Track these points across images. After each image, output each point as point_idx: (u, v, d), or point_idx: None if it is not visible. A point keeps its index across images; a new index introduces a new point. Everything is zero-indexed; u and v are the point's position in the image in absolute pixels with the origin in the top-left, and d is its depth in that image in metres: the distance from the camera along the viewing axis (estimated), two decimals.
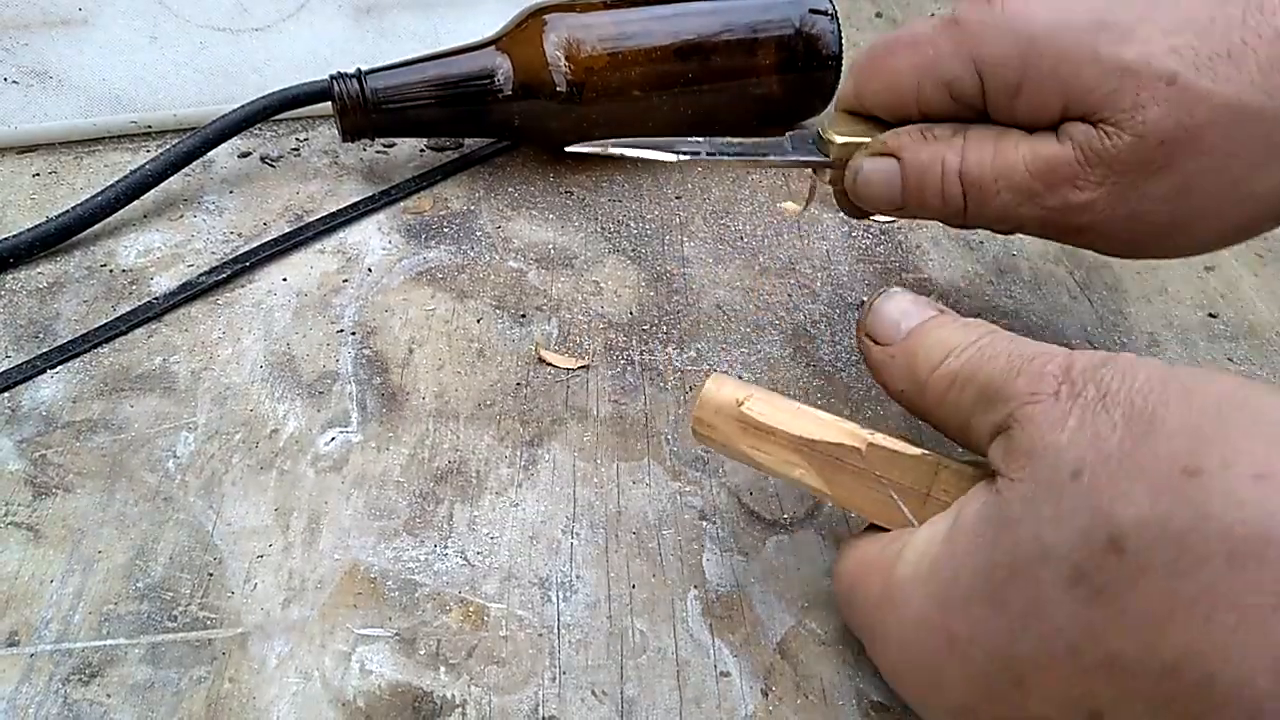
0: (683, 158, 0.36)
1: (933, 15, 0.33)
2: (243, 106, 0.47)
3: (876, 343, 0.29)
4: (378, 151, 0.52)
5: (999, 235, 0.42)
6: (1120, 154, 0.30)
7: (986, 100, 0.32)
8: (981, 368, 0.26)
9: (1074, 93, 0.30)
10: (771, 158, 0.36)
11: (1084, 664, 0.22)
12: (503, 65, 0.47)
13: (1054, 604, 0.22)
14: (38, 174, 0.50)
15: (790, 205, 0.47)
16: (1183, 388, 0.22)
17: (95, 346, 0.40)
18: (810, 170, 0.37)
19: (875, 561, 0.27)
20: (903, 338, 0.29)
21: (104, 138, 0.52)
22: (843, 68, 0.50)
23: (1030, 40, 0.30)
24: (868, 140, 0.35)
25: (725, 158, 0.36)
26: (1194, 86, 0.29)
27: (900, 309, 0.29)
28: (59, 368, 0.39)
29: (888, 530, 0.28)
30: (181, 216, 0.47)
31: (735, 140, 0.37)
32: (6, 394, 0.38)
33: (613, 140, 0.37)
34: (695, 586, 0.32)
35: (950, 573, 0.24)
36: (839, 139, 0.35)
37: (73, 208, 0.45)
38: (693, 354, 0.40)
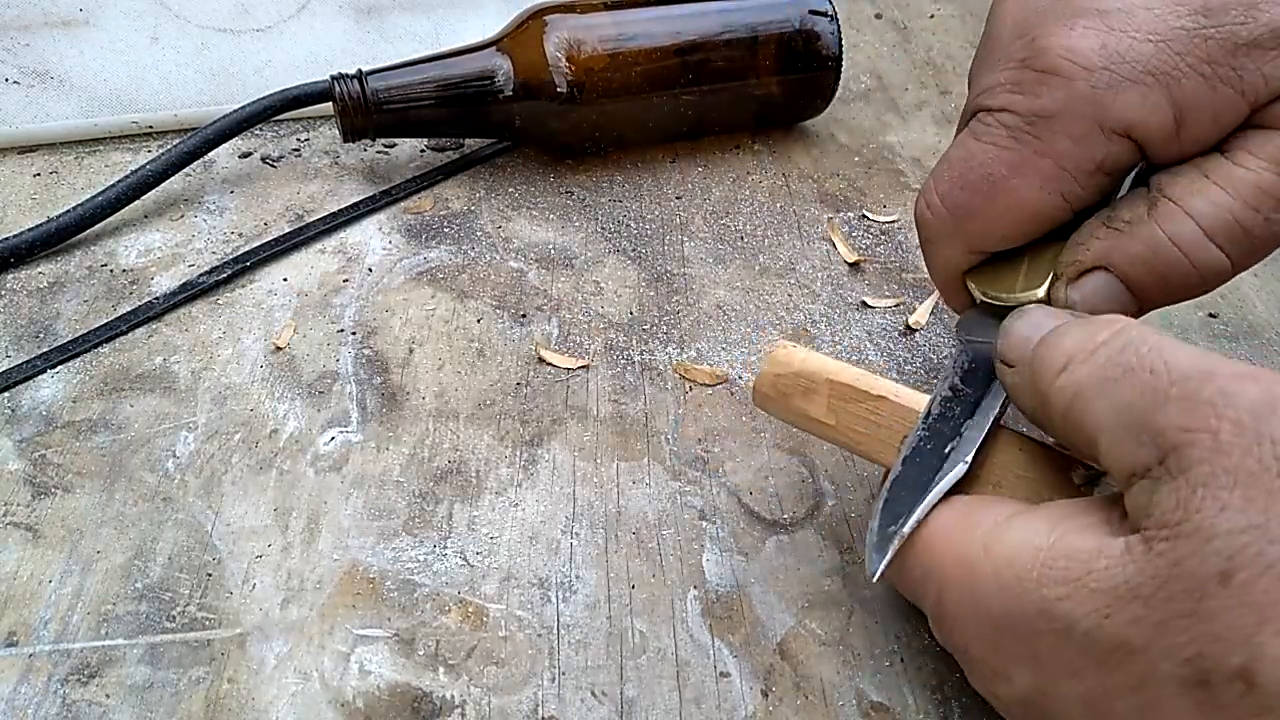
0: (965, 465, 0.28)
1: (983, 118, 0.28)
2: (244, 107, 0.47)
3: (1009, 366, 0.26)
4: (378, 152, 0.52)
5: None
6: None
7: (1149, 153, 0.27)
8: (1115, 382, 0.22)
9: (1252, 86, 0.26)
10: (1001, 394, 0.29)
11: None
12: (503, 66, 0.47)
13: (1165, 697, 0.21)
14: (38, 174, 0.50)
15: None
16: None
17: (95, 346, 0.40)
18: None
19: (952, 532, 0.25)
20: (1030, 352, 0.26)
21: (105, 138, 0.52)
22: (842, 69, 0.51)
23: (1154, 74, 0.26)
24: (1047, 278, 0.29)
25: (993, 425, 0.29)
26: None
27: (1031, 323, 0.26)
28: (59, 368, 0.39)
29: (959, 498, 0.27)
30: (182, 216, 0.47)
31: (968, 419, 0.29)
32: (6, 394, 0.38)
33: (894, 521, 0.28)
34: (695, 586, 0.32)
35: (1051, 605, 0.22)
36: (1040, 292, 0.29)
37: (73, 208, 0.45)
38: (693, 354, 0.40)
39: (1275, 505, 0.19)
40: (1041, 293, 0.29)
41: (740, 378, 0.39)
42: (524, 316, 0.42)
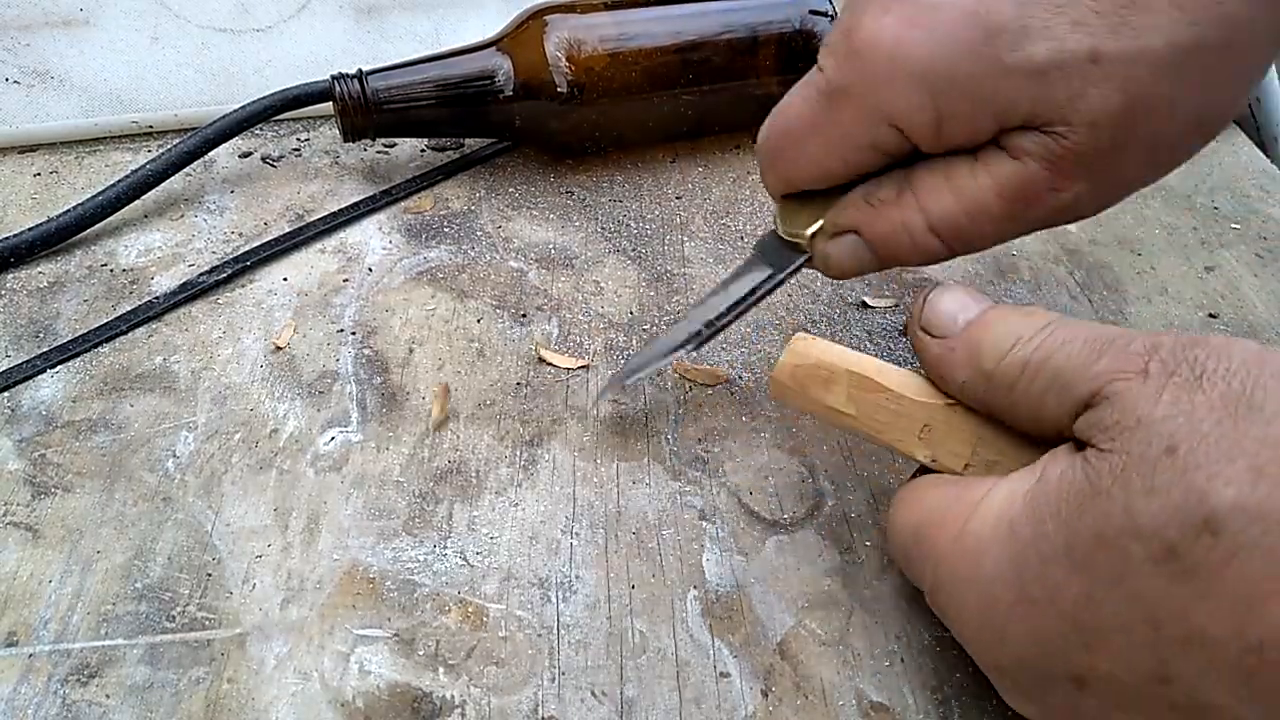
0: (691, 350, 0.35)
1: (814, 70, 0.31)
2: (244, 106, 0.47)
3: (932, 336, 0.29)
4: (378, 152, 0.52)
5: None
6: (1081, 148, 0.28)
7: (914, 144, 0.31)
8: (1055, 352, 0.25)
9: (1003, 111, 0.29)
10: (764, 290, 0.35)
11: (1164, 636, 0.22)
12: (503, 66, 0.47)
13: (1140, 576, 0.22)
14: (39, 173, 0.50)
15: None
16: (1278, 371, 0.22)
17: (95, 346, 0.40)
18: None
19: (946, 510, 0.27)
20: (962, 329, 0.28)
21: (105, 137, 0.52)
22: None
23: (925, 77, 0.28)
24: (816, 224, 0.34)
25: (726, 323, 0.35)
26: (1120, 52, 0.27)
27: (958, 301, 0.29)
28: (59, 367, 0.39)
29: (947, 475, 0.29)
30: (182, 216, 0.47)
31: (721, 299, 0.35)
32: (6, 394, 0.38)
33: (626, 369, 0.36)
34: (695, 586, 0.32)
35: (1030, 533, 0.24)
36: (807, 232, 0.34)
37: (73, 207, 0.45)
38: (693, 354, 0.40)
39: (1197, 396, 0.22)
40: (807, 234, 0.34)
41: (740, 378, 0.39)
42: (524, 316, 0.42)
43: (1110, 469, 0.23)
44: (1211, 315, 0.42)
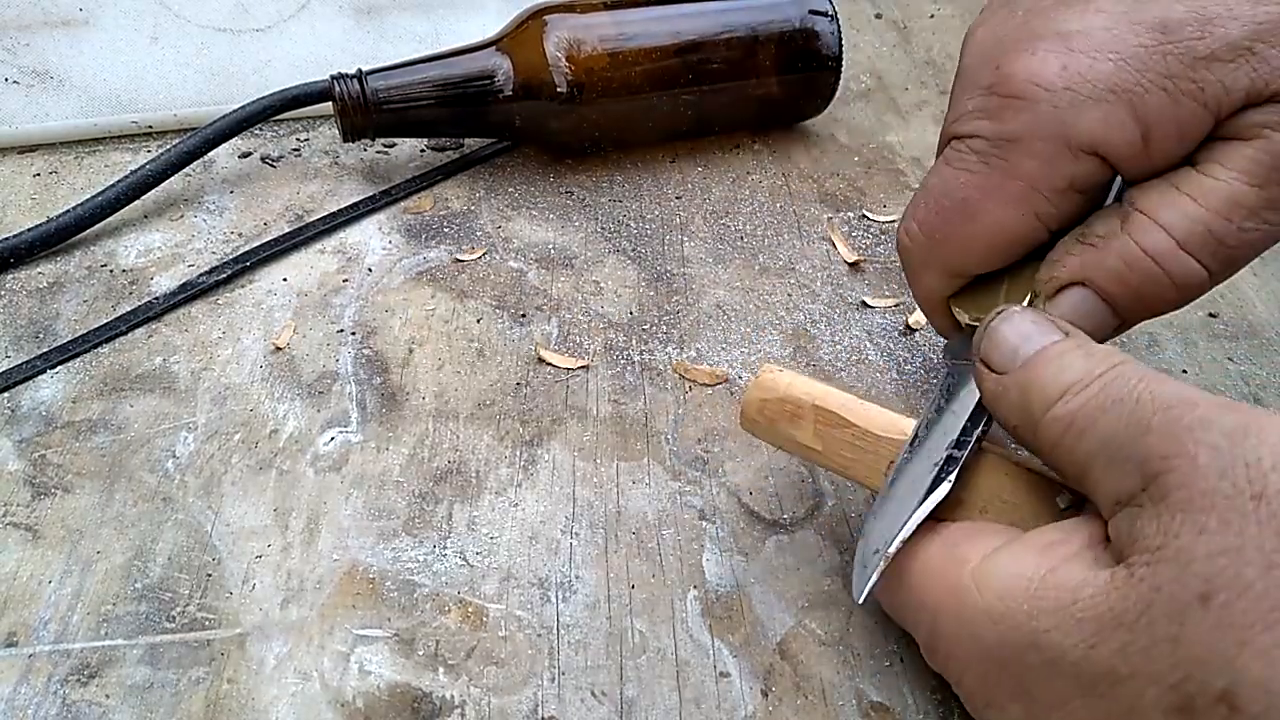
0: (949, 485, 0.28)
1: (955, 145, 0.29)
2: (243, 107, 0.47)
3: (991, 369, 0.27)
4: (378, 152, 0.52)
5: None
6: None
7: (1119, 168, 0.28)
8: (1104, 414, 0.23)
9: (1216, 97, 0.26)
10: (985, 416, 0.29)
11: None
12: (503, 66, 0.47)
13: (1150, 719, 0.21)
14: (38, 174, 0.50)
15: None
16: None
17: (95, 346, 0.40)
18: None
19: (940, 570, 0.26)
20: (1019, 366, 0.26)
21: (105, 138, 0.52)
22: (842, 69, 0.50)
23: (1116, 92, 0.26)
24: (1026, 297, 0.30)
25: (974, 443, 0.28)
26: None
27: (1019, 332, 0.26)
28: (59, 368, 0.39)
29: (939, 524, 0.27)
30: (182, 216, 0.47)
31: (969, 434, 0.28)
32: (6, 394, 0.38)
33: (894, 539, 0.27)
34: (695, 586, 0.32)
35: (1041, 640, 0.22)
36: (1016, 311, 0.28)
37: (73, 208, 0.45)
38: (693, 354, 0.40)
39: (1249, 528, 0.20)
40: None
41: (740, 378, 0.39)
42: (524, 316, 0.42)
43: (1139, 601, 0.21)
44: (1211, 315, 0.42)
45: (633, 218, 0.48)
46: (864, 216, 0.48)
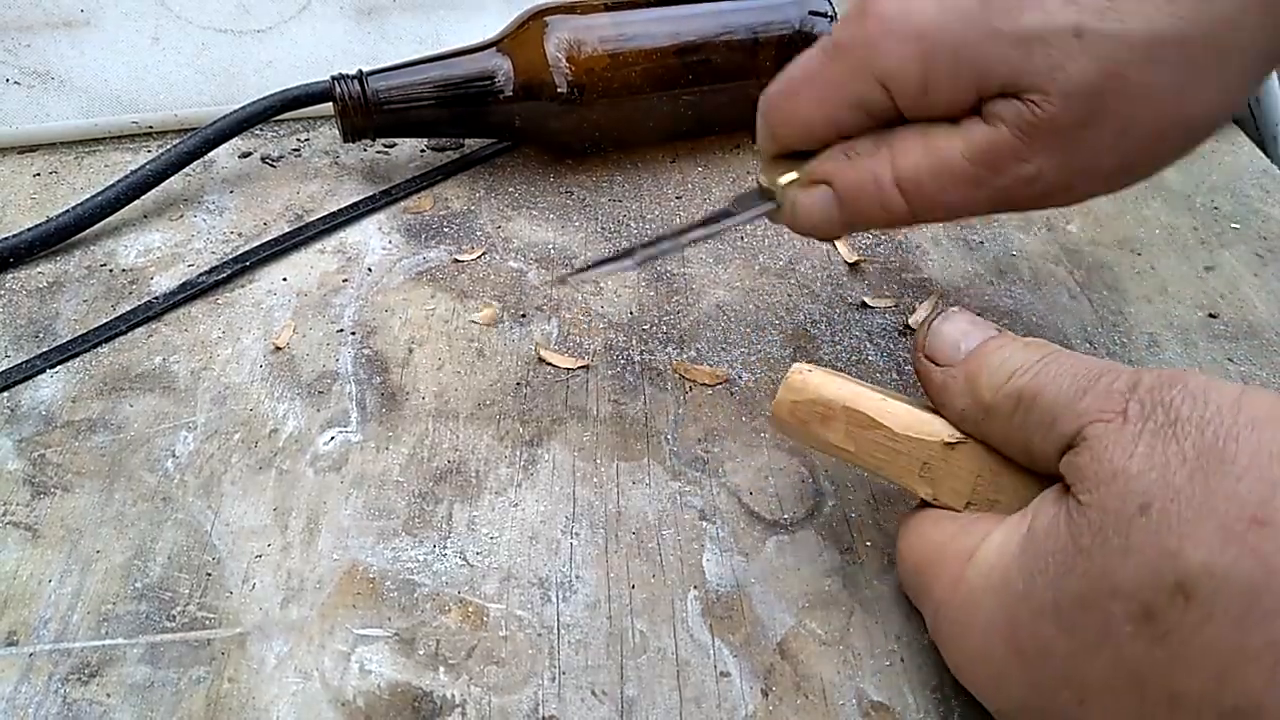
0: (641, 263, 0.36)
1: (823, 39, 0.33)
2: (244, 107, 0.47)
3: (936, 364, 0.29)
4: (378, 152, 0.52)
5: (986, 226, 0.42)
6: (1054, 118, 0.29)
7: (898, 106, 0.31)
8: (1046, 386, 0.26)
9: (984, 74, 0.29)
10: (726, 223, 0.36)
11: (1147, 696, 0.22)
12: (504, 66, 0.47)
13: (1122, 637, 0.22)
14: (38, 174, 0.50)
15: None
16: (1253, 419, 0.22)
17: (95, 346, 0.40)
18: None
19: (945, 552, 0.27)
20: (963, 358, 0.28)
21: (105, 138, 0.52)
22: None
23: (920, 38, 0.30)
24: (792, 174, 0.34)
25: (685, 242, 0.36)
26: (1102, 31, 0.28)
27: (959, 329, 0.29)
28: (59, 367, 0.39)
29: (947, 512, 0.29)
30: (182, 216, 0.47)
31: (686, 225, 0.36)
32: (6, 394, 0.38)
33: (581, 268, 0.37)
34: (695, 586, 0.32)
35: (1021, 588, 0.24)
36: (781, 181, 0.35)
37: (73, 207, 0.45)
38: (693, 354, 0.40)
39: (1170, 446, 0.22)
40: (782, 183, 0.34)
41: (740, 377, 0.39)
42: (524, 316, 0.42)
43: (1090, 525, 0.23)
44: (1211, 315, 0.42)
45: (633, 218, 0.48)
46: None
